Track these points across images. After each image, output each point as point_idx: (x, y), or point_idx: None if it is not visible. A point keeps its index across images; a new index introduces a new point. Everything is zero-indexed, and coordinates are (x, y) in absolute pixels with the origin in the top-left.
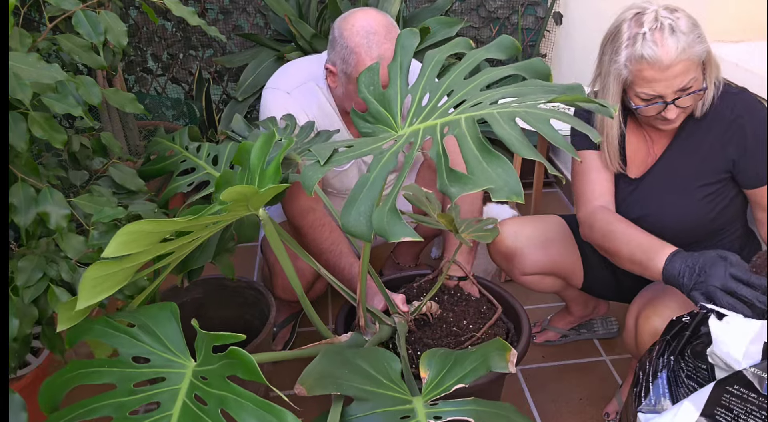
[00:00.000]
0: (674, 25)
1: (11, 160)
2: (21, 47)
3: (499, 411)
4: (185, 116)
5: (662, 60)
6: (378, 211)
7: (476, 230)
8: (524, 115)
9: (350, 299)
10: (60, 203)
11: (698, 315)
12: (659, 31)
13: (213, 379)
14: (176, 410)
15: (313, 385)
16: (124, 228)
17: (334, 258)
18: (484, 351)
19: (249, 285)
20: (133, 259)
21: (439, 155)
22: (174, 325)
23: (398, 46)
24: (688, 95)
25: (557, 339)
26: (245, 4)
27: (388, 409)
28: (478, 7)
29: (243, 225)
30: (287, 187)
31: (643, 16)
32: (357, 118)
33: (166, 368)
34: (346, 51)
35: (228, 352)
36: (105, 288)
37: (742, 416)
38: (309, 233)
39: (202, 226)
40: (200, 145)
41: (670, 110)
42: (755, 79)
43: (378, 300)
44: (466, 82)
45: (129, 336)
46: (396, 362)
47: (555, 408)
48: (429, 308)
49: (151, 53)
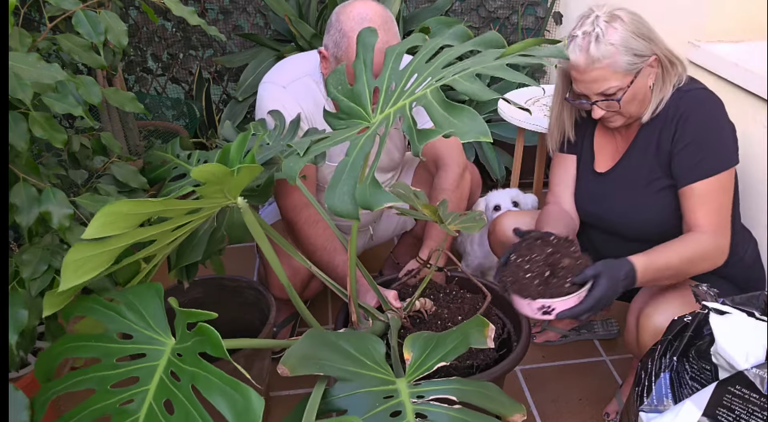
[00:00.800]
0: (601, 35)
1: (12, 160)
2: (21, 47)
3: (482, 390)
4: (185, 116)
5: (579, 65)
6: (360, 186)
7: (462, 222)
8: (483, 70)
9: (343, 296)
10: (62, 202)
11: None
12: (587, 37)
13: (187, 356)
14: (153, 385)
15: (296, 365)
16: (103, 210)
17: (327, 256)
18: (464, 329)
19: (249, 285)
20: (113, 242)
21: (410, 125)
22: (158, 304)
23: (359, 45)
24: (610, 101)
25: (557, 340)
26: (245, 4)
27: (371, 389)
28: (478, 7)
29: (234, 225)
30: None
31: (586, 19)
32: (330, 118)
33: (147, 345)
34: (339, 35)
35: (197, 329)
36: (87, 270)
37: (744, 416)
38: (303, 229)
39: (181, 212)
40: (191, 152)
41: (595, 110)
42: (755, 79)
43: (370, 296)
44: (428, 64)
45: (115, 313)
46: (380, 345)
47: (555, 408)
48: (423, 305)
49: (151, 53)
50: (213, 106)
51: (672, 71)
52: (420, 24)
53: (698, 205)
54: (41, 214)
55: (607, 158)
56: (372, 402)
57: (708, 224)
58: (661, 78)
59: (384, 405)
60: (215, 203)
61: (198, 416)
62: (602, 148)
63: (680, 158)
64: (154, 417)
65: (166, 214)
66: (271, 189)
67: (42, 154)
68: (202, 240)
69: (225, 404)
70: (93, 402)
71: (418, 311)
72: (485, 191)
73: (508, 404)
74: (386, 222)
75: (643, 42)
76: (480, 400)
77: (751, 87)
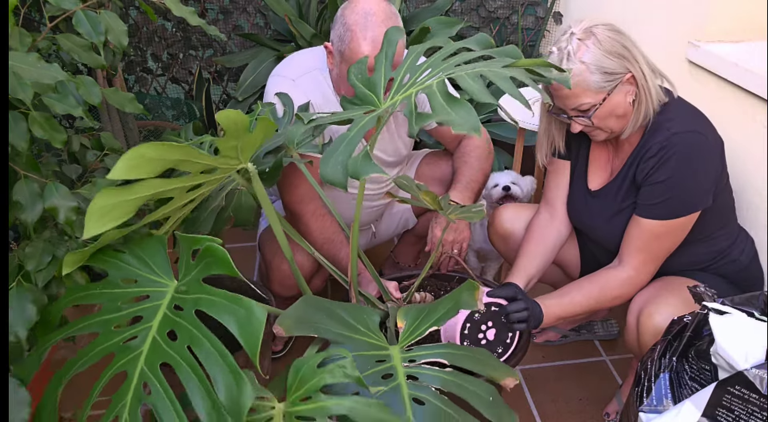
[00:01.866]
0: (573, 53)
1: (12, 159)
2: (21, 47)
3: (473, 355)
4: (185, 116)
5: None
6: (353, 159)
7: (463, 211)
8: (488, 73)
9: (345, 284)
10: (66, 196)
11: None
12: (560, 53)
13: (190, 286)
14: (156, 321)
15: (291, 326)
16: (129, 152)
17: (333, 249)
18: (456, 294)
19: (249, 286)
20: (136, 190)
21: (411, 110)
22: (162, 252)
23: (385, 40)
24: (584, 118)
25: (557, 340)
26: (245, 4)
27: (364, 353)
28: (478, 7)
29: (241, 207)
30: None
31: (563, 36)
32: (345, 102)
33: (150, 287)
34: (343, 28)
35: (204, 249)
36: (112, 218)
37: (743, 417)
38: (311, 221)
39: (199, 167)
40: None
41: (573, 125)
42: (755, 79)
43: (372, 287)
44: (444, 62)
45: (119, 261)
46: (375, 315)
47: (555, 408)
48: (423, 298)
49: (151, 53)
50: (213, 106)
51: (652, 89)
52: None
53: (637, 239)
54: (47, 210)
55: (600, 173)
56: (364, 365)
57: (634, 262)
58: (640, 95)
59: (376, 368)
60: (229, 165)
61: (201, 336)
62: (596, 160)
63: (647, 191)
64: (158, 347)
65: (185, 167)
66: (279, 172)
67: (42, 154)
68: (210, 217)
69: (229, 318)
70: (97, 344)
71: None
72: None
73: (500, 368)
74: (388, 220)
75: (615, 60)
76: (471, 364)
77: (751, 87)
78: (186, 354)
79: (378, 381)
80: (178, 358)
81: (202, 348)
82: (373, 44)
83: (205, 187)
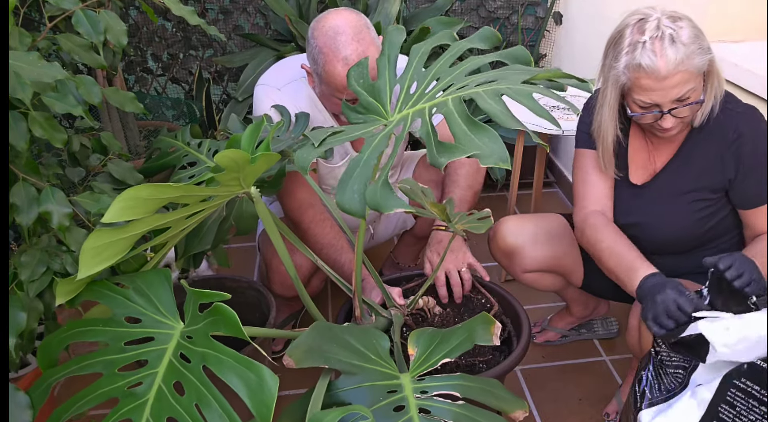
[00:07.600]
0: (675, 35)
1: (11, 160)
2: (21, 46)
3: (485, 387)
4: (185, 116)
5: (660, 70)
6: (371, 187)
7: (469, 221)
8: (508, 91)
9: (349, 292)
10: (62, 202)
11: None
12: (659, 40)
13: (197, 337)
14: (162, 368)
15: (301, 358)
16: (123, 194)
17: (334, 254)
18: (470, 325)
19: (249, 285)
20: (131, 228)
21: (428, 132)
22: (167, 289)
23: (386, 41)
24: (685, 106)
25: (557, 339)
26: (245, 4)
27: (375, 383)
28: (478, 7)
29: (242, 216)
30: (278, 157)
31: (645, 23)
32: (348, 110)
33: (155, 328)
34: (316, 50)
35: (212, 308)
36: (105, 257)
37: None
38: (310, 228)
39: (198, 199)
40: (201, 141)
41: (666, 119)
42: (755, 79)
43: (375, 293)
44: (452, 69)
45: (123, 298)
46: (385, 340)
47: (555, 408)
48: (426, 304)
49: (151, 53)
50: (213, 106)
51: (716, 74)
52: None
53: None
54: (41, 214)
55: (641, 168)
56: (376, 396)
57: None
58: (712, 80)
59: (388, 400)
60: (230, 191)
61: (210, 396)
62: (636, 156)
63: (747, 185)
64: (164, 398)
65: (183, 200)
66: (282, 180)
67: (42, 154)
68: (211, 229)
69: (239, 382)
70: (100, 386)
71: (420, 309)
72: (485, 191)
73: (510, 400)
74: (386, 221)
75: (704, 41)
76: (483, 397)
77: (751, 87)
78: (194, 413)
79: (390, 415)
80: (185, 415)
81: (210, 409)
82: (349, 64)
83: (206, 212)
